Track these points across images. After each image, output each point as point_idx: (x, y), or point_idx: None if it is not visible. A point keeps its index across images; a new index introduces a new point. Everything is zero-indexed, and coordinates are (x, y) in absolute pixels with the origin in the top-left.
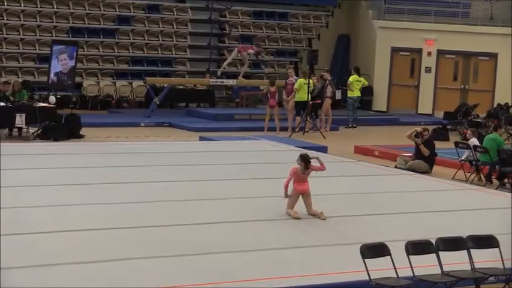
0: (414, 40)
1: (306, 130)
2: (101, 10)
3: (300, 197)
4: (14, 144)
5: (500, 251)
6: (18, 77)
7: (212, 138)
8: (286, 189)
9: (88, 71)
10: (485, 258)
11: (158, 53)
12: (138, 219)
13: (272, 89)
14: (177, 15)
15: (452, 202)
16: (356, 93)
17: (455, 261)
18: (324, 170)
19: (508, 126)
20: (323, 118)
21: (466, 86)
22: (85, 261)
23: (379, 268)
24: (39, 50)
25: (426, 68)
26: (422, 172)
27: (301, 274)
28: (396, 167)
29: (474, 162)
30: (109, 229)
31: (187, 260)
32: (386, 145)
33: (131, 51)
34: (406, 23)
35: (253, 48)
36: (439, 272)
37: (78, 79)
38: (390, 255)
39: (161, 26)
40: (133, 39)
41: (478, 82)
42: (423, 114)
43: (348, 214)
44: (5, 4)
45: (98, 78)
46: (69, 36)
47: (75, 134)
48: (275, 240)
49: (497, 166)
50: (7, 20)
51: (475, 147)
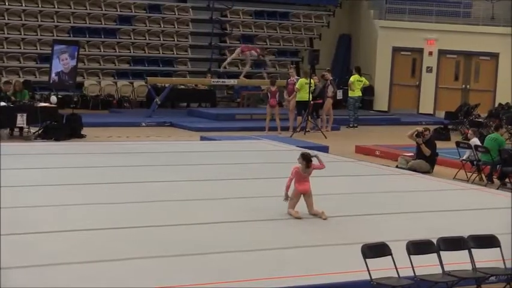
0: (415, 40)
1: (307, 130)
2: (102, 10)
3: (301, 197)
4: (15, 144)
5: (501, 251)
6: (19, 77)
7: (213, 138)
8: (287, 189)
9: (89, 71)
10: (486, 258)
11: (159, 53)
12: (139, 219)
13: (272, 89)
14: (178, 15)
15: (453, 202)
16: (357, 93)
17: (456, 261)
18: (324, 168)
19: (509, 126)
20: (324, 118)
21: (467, 86)
22: (85, 261)
23: (380, 268)
24: (40, 50)
25: (427, 68)
26: (423, 172)
27: (302, 274)
28: (397, 167)
29: (475, 162)
30: (109, 229)
31: (187, 260)
32: (387, 145)
33: (132, 51)
34: (408, 23)
35: (256, 50)
36: (440, 272)
37: (79, 79)
38: (391, 255)
39: (162, 26)
40: (134, 39)
41: (479, 82)
42: (424, 114)
43: (349, 214)
44: (6, 4)
45: (99, 78)
46: (70, 36)
47: (76, 134)
48: (276, 240)
49: (498, 166)
50: (8, 20)
51: (476, 147)
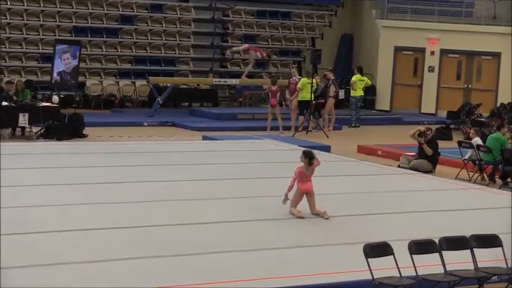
0: (417, 39)
1: (309, 129)
2: (104, 10)
3: (303, 197)
4: (17, 143)
5: (503, 251)
6: (21, 77)
7: (215, 137)
8: (289, 190)
9: (91, 71)
10: (488, 257)
11: (161, 53)
12: (139, 218)
13: (273, 88)
14: (180, 14)
15: (455, 201)
16: (359, 92)
17: (458, 260)
18: (320, 164)
19: (511, 125)
20: (326, 117)
21: (469, 86)
22: (85, 261)
23: (382, 267)
24: (42, 50)
25: (429, 68)
26: (425, 171)
27: (304, 273)
28: (399, 167)
29: (477, 161)
30: (109, 229)
31: (188, 260)
32: (389, 144)
33: (134, 50)
34: (409, 23)
35: (262, 54)
36: (442, 272)
37: (81, 78)
38: (393, 254)
39: (164, 26)
40: (136, 38)
41: (481, 81)
42: (426, 113)
43: (351, 213)
44: (8, 3)
45: (101, 77)
46: (72, 35)
47: (78, 134)
48: (278, 239)
49: (500, 165)
50: (10, 20)
51: (478, 146)
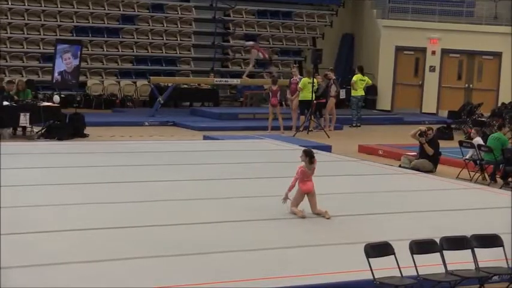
0: (418, 39)
1: (310, 129)
2: (105, 9)
3: (305, 197)
4: (18, 143)
5: (504, 250)
6: (22, 76)
7: (216, 137)
8: (290, 189)
9: (92, 70)
10: (489, 257)
11: (162, 52)
12: (140, 218)
13: (274, 88)
14: (181, 14)
15: (456, 201)
16: (360, 92)
17: (459, 260)
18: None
19: None
20: (327, 117)
21: (470, 85)
22: (85, 261)
23: (383, 267)
24: (43, 49)
25: (430, 67)
26: (426, 171)
27: (304, 273)
28: (400, 166)
29: (478, 161)
30: (109, 229)
31: (188, 260)
32: (390, 144)
33: (135, 50)
34: (411, 22)
35: (264, 54)
36: (443, 271)
37: (82, 78)
38: (394, 254)
39: (165, 25)
40: (137, 38)
41: (482, 81)
42: (427, 113)
43: (352, 213)
44: (9, 3)
45: (102, 77)
46: (73, 35)
47: (79, 133)
48: (279, 239)
49: (501, 165)
50: (11, 19)
51: (479, 146)
